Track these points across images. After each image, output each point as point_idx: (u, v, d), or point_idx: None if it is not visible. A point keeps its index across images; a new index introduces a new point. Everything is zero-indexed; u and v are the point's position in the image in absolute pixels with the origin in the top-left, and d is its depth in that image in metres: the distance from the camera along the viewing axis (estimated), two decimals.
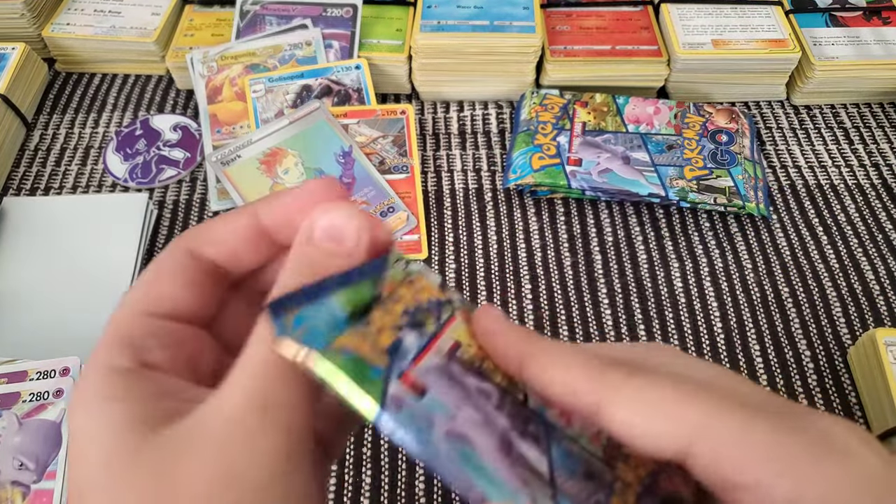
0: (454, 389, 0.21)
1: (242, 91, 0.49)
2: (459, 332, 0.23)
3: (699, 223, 0.44)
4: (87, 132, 0.50)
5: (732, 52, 0.49)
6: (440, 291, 0.23)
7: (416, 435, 0.19)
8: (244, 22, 0.52)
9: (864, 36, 0.52)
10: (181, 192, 0.46)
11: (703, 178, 0.43)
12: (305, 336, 0.18)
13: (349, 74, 0.49)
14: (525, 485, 0.19)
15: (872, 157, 0.49)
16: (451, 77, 0.50)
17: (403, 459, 0.35)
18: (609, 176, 0.43)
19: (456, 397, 0.21)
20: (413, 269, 0.23)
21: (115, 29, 0.52)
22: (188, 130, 0.49)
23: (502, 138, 0.49)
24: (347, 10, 0.52)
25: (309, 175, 0.44)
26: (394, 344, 0.20)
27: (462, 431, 0.20)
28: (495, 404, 0.21)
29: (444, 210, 0.45)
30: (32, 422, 0.32)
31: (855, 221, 0.45)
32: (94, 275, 0.40)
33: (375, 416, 0.18)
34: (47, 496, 0.30)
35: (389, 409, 0.19)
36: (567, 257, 0.42)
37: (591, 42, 0.51)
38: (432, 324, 0.22)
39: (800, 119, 0.51)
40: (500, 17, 0.49)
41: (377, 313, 0.21)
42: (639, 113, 0.47)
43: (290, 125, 0.46)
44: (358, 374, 0.19)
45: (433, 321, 0.23)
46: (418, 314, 0.22)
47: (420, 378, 0.20)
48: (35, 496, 0.30)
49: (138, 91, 0.52)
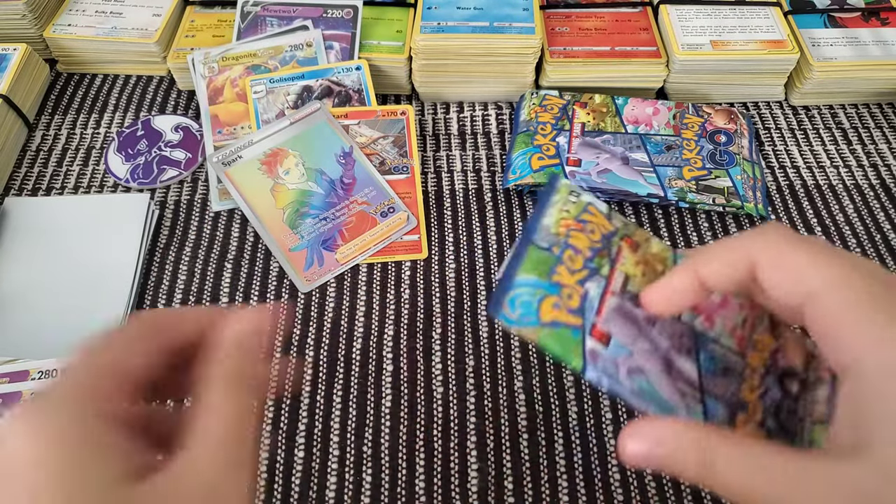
0: (628, 326, 0.27)
1: (243, 92, 0.49)
2: (627, 264, 0.28)
3: (698, 223, 0.45)
4: (88, 133, 0.50)
5: (731, 53, 0.50)
6: (607, 221, 0.29)
7: (608, 380, 0.25)
8: (245, 23, 0.52)
9: (862, 37, 0.52)
10: (182, 193, 0.46)
11: (701, 178, 0.43)
12: (522, 316, 0.25)
13: (350, 75, 0.49)
14: (682, 397, 0.26)
15: (871, 158, 0.49)
16: (451, 78, 0.50)
17: (403, 458, 0.35)
18: (608, 176, 0.44)
19: (631, 333, 0.27)
20: (583, 199, 0.29)
21: (117, 30, 0.52)
22: (189, 131, 0.49)
23: (502, 139, 0.50)
24: (348, 11, 0.52)
25: (310, 175, 0.45)
26: (581, 303, 0.27)
27: (638, 365, 0.26)
28: (659, 328, 0.27)
29: (444, 210, 0.45)
30: None
31: (853, 222, 0.45)
32: (96, 275, 0.40)
33: (581, 372, 0.25)
34: None
35: (590, 364, 0.25)
36: None
37: (590, 43, 0.51)
38: (606, 264, 0.28)
39: (798, 120, 0.51)
40: (499, 18, 0.50)
41: (562, 270, 0.27)
42: (638, 114, 0.47)
43: (291, 126, 0.46)
44: (564, 340, 0.26)
45: (606, 261, 0.28)
46: (594, 259, 0.28)
47: (604, 327, 0.26)
48: None
49: (140, 92, 0.53)
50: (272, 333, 0.39)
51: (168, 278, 0.42)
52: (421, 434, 0.36)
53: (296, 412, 0.36)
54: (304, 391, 0.37)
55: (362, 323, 0.40)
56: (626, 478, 0.34)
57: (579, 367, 0.26)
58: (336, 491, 0.34)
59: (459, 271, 0.42)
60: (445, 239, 0.43)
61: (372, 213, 0.43)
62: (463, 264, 0.42)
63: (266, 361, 0.22)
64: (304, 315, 0.40)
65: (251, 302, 0.41)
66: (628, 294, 0.28)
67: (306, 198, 0.44)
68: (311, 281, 0.41)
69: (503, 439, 0.35)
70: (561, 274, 0.27)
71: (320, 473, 0.34)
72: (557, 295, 0.27)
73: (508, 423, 0.36)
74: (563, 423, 0.36)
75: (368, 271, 0.42)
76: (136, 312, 0.40)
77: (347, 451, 0.35)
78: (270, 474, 0.34)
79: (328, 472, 0.35)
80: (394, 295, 0.41)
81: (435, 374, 0.38)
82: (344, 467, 0.35)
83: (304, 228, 0.43)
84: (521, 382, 0.37)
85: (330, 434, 0.36)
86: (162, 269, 0.42)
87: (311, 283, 0.41)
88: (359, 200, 0.44)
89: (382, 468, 0.35)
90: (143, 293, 0.41)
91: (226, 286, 0.41)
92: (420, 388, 0.37)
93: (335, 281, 0.41)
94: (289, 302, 0.41)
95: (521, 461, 0.35)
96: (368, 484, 0.34)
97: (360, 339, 0.39)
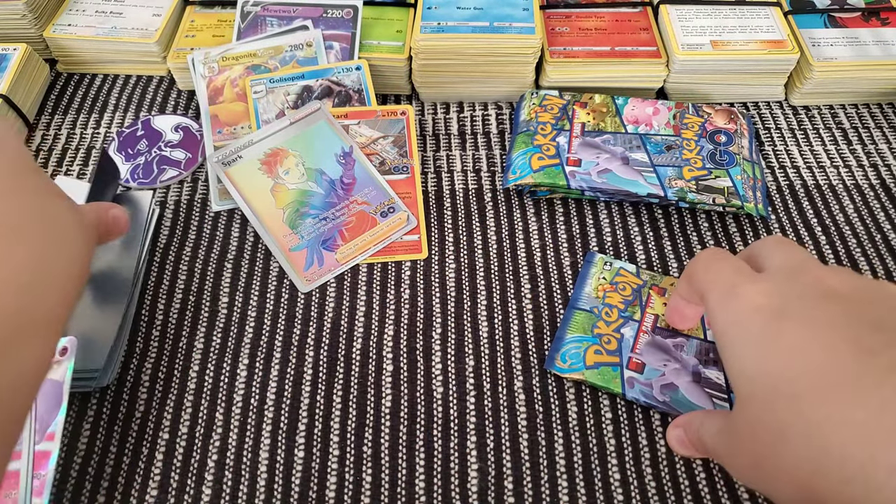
0: (659, 353, 0.36)
1: (243, 92, 0.49)
2: (656, 306, 0.38)
3: (698, 223, 0.45)
4: (88, 133, 0.50)
5: (731, 53, 0.50)
6: (637, 278, 0.39)
7: (645, 398, 0.35)
8: (245, 23, 0.52)
9: (862, 37, 0.52)
10: (182, 193, 0.46)
11: (701, 178, 0.43)
12: (572, 366, 0.36)
13: (350, 75, 0.49)
14: (709, 398, 0.34)
15: (871, 158, 0.49)
16: (451, 78, 0.50)
17: (403, 458, 0.35)
18: (608, 176, 0.44)
19: (662, 359, 0.36)
20: (615, 266, 0.40)
21: (117, 30, 0.52)
22: (189, 131, 0.49)
23: (502, 139, 0.50)
24: (348, 11, 0.52)
25: (310, 175, 0.45)
26: (618, 345, 0.36)
27: (669, 381, 0.35)
28: (686, 350, 0.36)
29: (444, 210, 0.45)
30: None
31: (853, 222, 0.45)
32: (98, 271, 0.40)
33: (621, 395, 0.35)
34: (45, 457, 0.31)
35: (628, 389, 0.35)
36: (567, 257, 0.43)
37: (590, 43, 0.51)
38: (637, 311, 0.38)
39: (798, 119, 0.51)
40: (499, 18, 0.50)
41: (601, 324, 0.37)
42: (638, 114, 0.47)
43: (291, 126, 0.46)
44: (606, 375, 0.36)
45: (637, 308, 0.38)
46: (627, 309, 0.38)
47: (639, 359, 0.36)
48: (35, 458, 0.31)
49: (139, 92, 0.53)
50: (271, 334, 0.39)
51: (168, 278, 0.42)
52: (421, 434, 0.36)
53: (296, 412, 0.36)
54: (304, 391, 0.37)
55: (362, 323, 0.40)
56: (627, 477, 0.34)
57: (619, 392, 0.35)
58: (336, 491, 0.34)
59: (459, 271, 0.42)
60: (445, 239, 0.43)
61: (372, 213, 0.43)
62: (463, 264, 0.42)
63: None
64: (303, 315, 0.40)
65: (251, 302, 0.41)
66: (658, 330, 0.37)
67: (306, 198, 0.44)
68: (311, 281, 0.41)
69: (503, 439, 0.35)
70: (600, 327, 0.37)
71: (320, 473, 0.34)
72: (598, 343, 0.37)
73: (508, 423, 0.36)
74: (563, 423, 0.36)
75: (368, 271, 0.42)
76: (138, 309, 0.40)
77: (347, 451, 0.35)
78: (270, 474, 0.34)
79: (328, 472, 0.35)
80: (394, 295, 0.41)
81: (435, 374, 0.38)
82: (344, 467, 0.35)
83: (304, 228, 0.43)
84: (521, 382, 0.37)
85: (330, 434, 0.36)
86: (162, 269, 0.42)
87: (311, 283, 0.41)
88: (359, 200, 0.44)
89: (382, 468, 0.35)
90: (143, 293, 0.41)
91: (226, 286, 0.41)
92: (420, 388, 0.37)
93: (335, 281, 0.41)
94: (288, 302, 0.41)
95: (521, 461, 0.35)
96: (368, 484, 0.34)
97: (360, 339, 0.39)
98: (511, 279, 0.41)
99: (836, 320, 0.23)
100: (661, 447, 0.35)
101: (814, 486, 0.22)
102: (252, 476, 0.34)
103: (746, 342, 0.25)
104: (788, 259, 0.27)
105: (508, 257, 0.43)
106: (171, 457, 0.35)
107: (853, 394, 0.21)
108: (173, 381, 0.38)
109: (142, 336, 0.39)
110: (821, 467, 0.21)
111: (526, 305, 0.40)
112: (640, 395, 0.35)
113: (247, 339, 0.39)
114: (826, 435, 0.21)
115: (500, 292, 0.41)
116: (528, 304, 0.40)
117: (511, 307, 0.40)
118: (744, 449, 0.25)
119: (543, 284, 0.41)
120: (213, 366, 0.38)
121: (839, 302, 0.24)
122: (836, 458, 0.21)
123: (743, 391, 0.25)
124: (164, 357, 0.38)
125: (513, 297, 0.41)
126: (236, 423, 0.36)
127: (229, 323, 0.40)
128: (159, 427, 0.36)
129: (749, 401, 0.24)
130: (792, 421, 0.22)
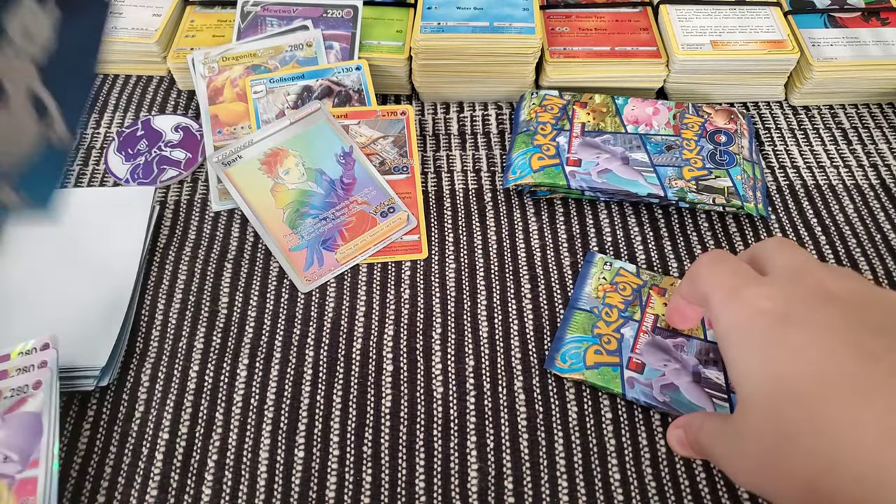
0: (660, 353, 0.36)
1: (243, 92, 0.49)
2: (656, 306, 0.37)
3: (698, 223, 0.45)
4: (88, 132, 0.50)
5: (731, 53, 0.50)
6: (636, 278, 0.39)
7: (644, 398, 0.35)
8: (245, 23, 0.52)
9: (862, 37, 0.52)
10: (182, 193, 0.46)
11: (701, 178, 0.43)
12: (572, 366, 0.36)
13: (350, 75, 0.49)
14: (709, 398, 0.34)
15: (871, 158, 0.49)
16: (451, 78, 0.50)
17: (403, 458, 0.35)
18: (608, 176, 0.44)
19: (662, 359, 0.36)
20: (615, 266, 0.40)
21: (117, 30, 0.52)
22: (189, 131, 0.49)
23: (502, 139, 0.50)
24: (348, 11, 0.52)
25: (310, 175, 0.45)
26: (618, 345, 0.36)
27: (669, 382, 0.35)
28: (686, 350, 0.36)
29: (444, 210, 0.45)
30: (14, 416, 0.32)
31: (853, 222, 0.45)
32: (99, 269, 0.40)
33: (621, 395, 0.35)
34: (31, 483, 0.31)
35: (628, 389, 0.35)
36: (567, 257, 0.43)
37: (590, 43, 0.51)
38: (637, 311, 0.37)
39: (798, 120, 0.51)
40: (499, 18, 0.50)
41: (601, 324, 0.37)
42: (638, 114, 0.47)
43: (291, 126, 0.46)
44: (606, 375, 0.35)
45: (637, 308, 0.37)
46: (627, 309, 0.37)
47: (639, 359, 0.36)
48: (20, 485, 0.31)
49: (139, 92, 0.53)
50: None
51: (168, 278, 0.42)
52: (421, 434, 0.36)
53: (296, 412, 0.36)
54: (304, 391, 0.37)
55: (362, 323, 0.40)
56: (627, 478, 0.34)
57: (619, 392, 0.35)
58: (336, 491, 0.34)
59: (459, 271, 0.42)
60: (445, 239, 0.43)
61: (372, 213, 0.43)
62: (463, 264, 0.42)
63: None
64: (303, 315, 0.40)
65: (251, 302, 0.41)
66: (658, 330, 0.37)
67: (306, 198, 0.44)
68: (311, 281, 0.41)
69: (503, 439, 0.35)
70: (600, 327, 0.37)
71: (320, 473, 0.34)
72: (598, 343, 0.36)
73: (508, 423, 0.36)
74: (563, 424, 0.36)
75: (368, 271, 0.42)
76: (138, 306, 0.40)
77: (347, 451, 0.35)
78: (270, 474, 0.34)
79: (328, 472, 0.35)
80: (394, 295, 0.41)
81: (435, 374, 0.38)
82: (344, 467, 0.35)
83: (304, 228, 0.43)
84: (521, 382, 0.37)
85: (330, 434, 0.36)
86: (162, 269, 0.42)
87: (311, 283, 0.41)
88: (359, 200, 0.44)
89: (382, 468, 0.35)
90: (143, 293, 0.41)
91: (226, 286, 0.41)
92: (420, 388, 0.37)
93: (335, 281, 0.41)
94: (288, 302, 0.41)
95: (521, 461, 0.35)
96: (368, 484, 0.34)
97: (360, 339, 0.39)
98: (511, 279, 0.41)
99: (837, 324, 0.24)
100: (661, 447, 0.35)
101: (821, 487, 0.22)
102: (252, 476, 0.34)
103: (750, 345, 0.25)
104: (791, 261, 0.28)
105: (508, 257, 0.43)
106: (171, 457, 0.35)
107: (859, 396, 0.22)
108: (173, 381, 0.38)
109: (142, 336, 0.39)
110: (831, 467, 0.21)
111: (526, 305, 0.40)
112: (640, 396, 0.35)
113: (247, 339, 0.39)
114: (837, 434, 0.21)
115: (500, 292, 0.41)
116: (528, 304, 0.40)
117: (511, 307, 0.40)
118: (746, 450, 0.25)
119: (543, 284, 0.41)
120: (213, 366, 0.38)
121: (840, 305, 0.24)
122: (848, 457, 0.21)
123: (746, 393, 0.25)
124: (164, 357, 0.38)
125: (513, 297, 0.41)
126: (236, 423, 0.36)
127: (229, 323, 0.40)
128: (159, 427, 0.36)
129: (752, 402, 0.25)
130: (800, 421, 0.22)
